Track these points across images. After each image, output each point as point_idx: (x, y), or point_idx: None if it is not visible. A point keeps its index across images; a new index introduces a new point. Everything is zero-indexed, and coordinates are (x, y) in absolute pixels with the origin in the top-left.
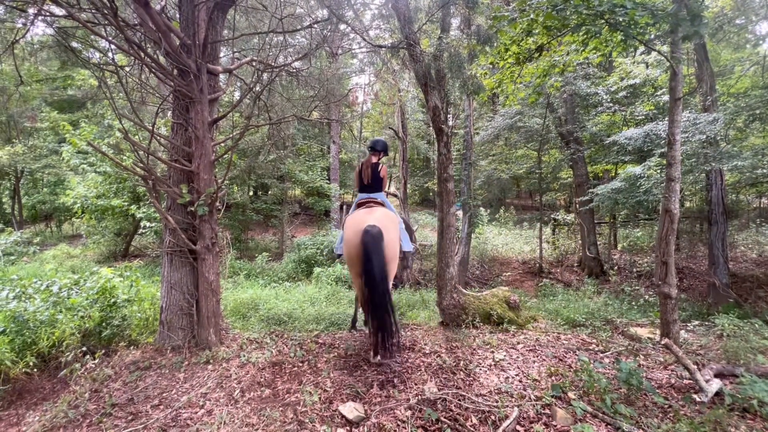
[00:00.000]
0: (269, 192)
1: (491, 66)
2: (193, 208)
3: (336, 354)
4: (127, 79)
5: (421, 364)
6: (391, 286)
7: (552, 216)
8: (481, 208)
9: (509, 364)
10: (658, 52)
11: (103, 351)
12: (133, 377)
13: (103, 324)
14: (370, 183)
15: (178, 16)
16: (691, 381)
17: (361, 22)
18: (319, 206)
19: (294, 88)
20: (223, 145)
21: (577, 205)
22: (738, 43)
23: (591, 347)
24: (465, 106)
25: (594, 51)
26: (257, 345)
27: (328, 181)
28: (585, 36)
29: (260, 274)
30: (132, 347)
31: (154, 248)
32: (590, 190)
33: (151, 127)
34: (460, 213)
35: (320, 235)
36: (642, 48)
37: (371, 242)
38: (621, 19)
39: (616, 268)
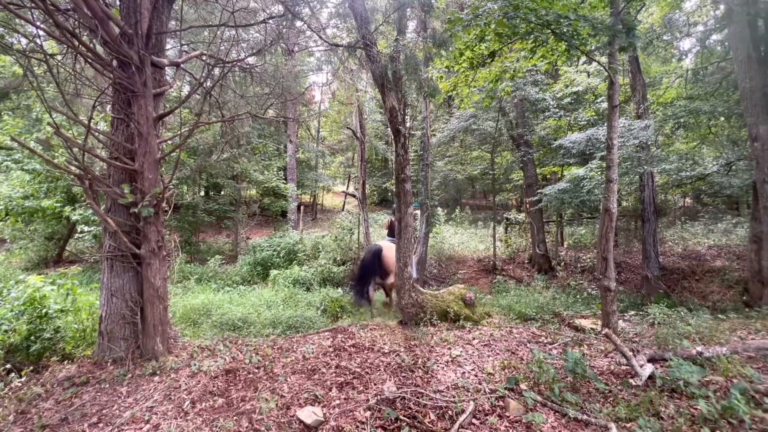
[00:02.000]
0: (222, 192)
1: (447, 70)
2: (136, 210)
3: (293, 358)
4: (58, 68)
5: (381, 363)
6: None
7: (504, 215)
8: (438, 208)
9: (465, 359)
10: (598, 62)
11: (32, 368)
12: (68, 394)
13: (32, 338)
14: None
15: (118, 2)
16: (628, 367)
17: (318, 20)
18: (275, 207)
19: (248, 84)
20: (170, 142)
21: (527, 205)
22: (665, 57)
23: (541, 339)
24: (422, 108)
25: (541, 59)
26: (209, 353)
27: (284, 181)
28: (533, 44)
29: (213, 278)
30: (66, 362)
31: (93, 253)
32: (539, 191)
33: (87, 122)
34: (418, 213)
35: (276, 236)
36: (584, 58)
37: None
38: (565, 30)
39: (562, 264)
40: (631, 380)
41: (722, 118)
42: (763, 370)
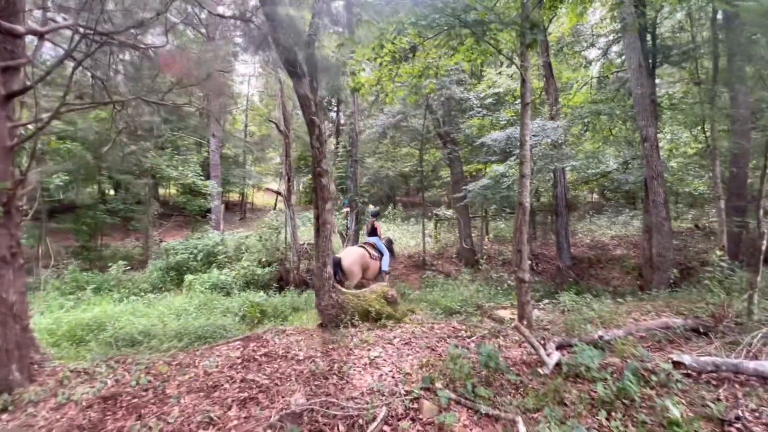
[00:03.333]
0: (128, 190)
1: (372, 60)
2: None
3: (193, 374)
4: None
5: (293, 372)
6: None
7: (434, 212)
8: (370, 205)
9: (384, 360)
10: (510, 60)
11: None
12: None
13: None
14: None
15: None
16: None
17: None
18: (192, 206)
19: (146, 68)
20: (31, 127)
21: (454, 201)
22: (575, 66)
23: (461, 333)
24: (351, 102)
25: (463, 59)
26: (86, 377)
27: (202, 178)
28: (449, 38)
29: (116, 287)
30: None
31: None
32: (464, 187)
33: None
34: (345, 210)
35: (194, 238)
36: (502, 59)
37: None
38: (472, 19)
39: (486, 257)
40: (539, 369)
41: (620, 122)
42: (651, 348)
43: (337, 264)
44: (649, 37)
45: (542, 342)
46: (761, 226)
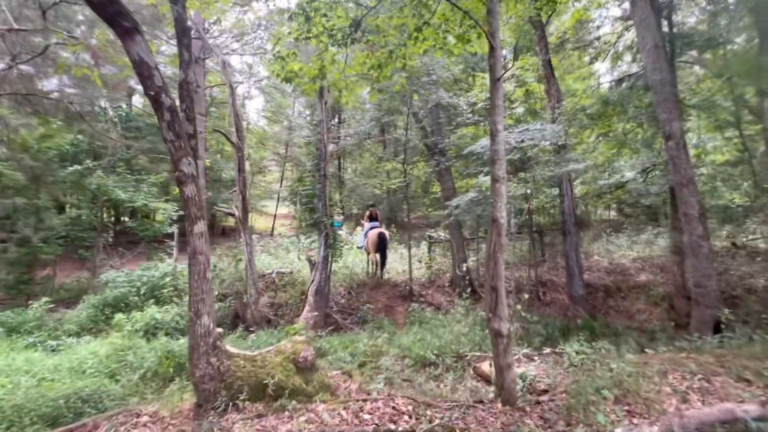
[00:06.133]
0: (65, 214)
1: (301, 40)
2: None
3: None
4: None
5: None
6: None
7: (426, 234)
8: (342, 229)
9: None
10: (476, 21)
11: None
12: None
13: None
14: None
15: None
16: None
17: None
18: (147, 231)
19: None
20: None
21: (445, 221)
22: (579, 65)
23: (403, 421)
24: (318, 109)
25: (434, 45)
26: None
27: (155, 200)
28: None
29: (36, 329)
30: None
31: None
32: (447, 203)
33: None
34: (342, 232)
35: (141, 267)
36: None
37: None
38: None
39: (482, 285)
40: None
41: (635, 125)
42: None
43: (382, 237)
44: (665, 23)
45: None
46: None
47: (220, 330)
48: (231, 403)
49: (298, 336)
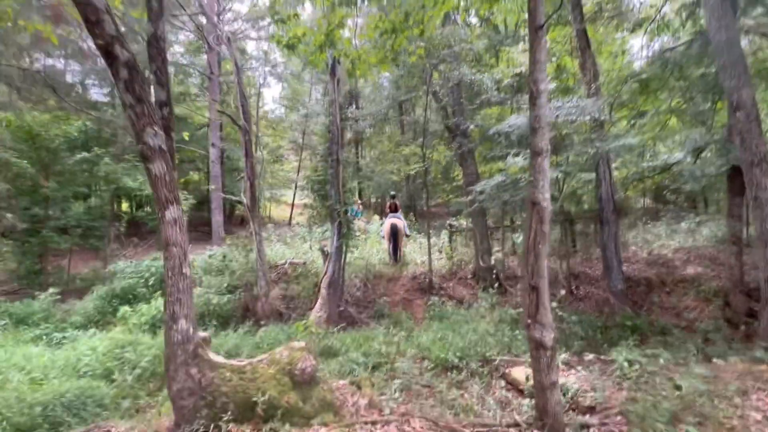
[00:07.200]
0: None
1: None
2: None
3: None
4: None
5: None
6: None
7: (448, 222)
8: (358, 215)
9: None
10: None
11: None
12: None
13: None
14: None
15: None
16: None
17: None
18: (156, 221)
19: None
20: None
21: (468, 208)
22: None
23: None
24: (330, 89)
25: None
26: None
27: None
28: None
29: (44, 320)
30: None
31: None
32: (470, 188)
33: None
34: (362, 223)
35: (151, 258)
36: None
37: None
38: None
39: (514, 277)
40: None
41: (683, 100)
42: None
43: (394, 229)
44: None
45: None
46: None
47: (203, 334)
48: (213, 425)
49: (297, 342)
